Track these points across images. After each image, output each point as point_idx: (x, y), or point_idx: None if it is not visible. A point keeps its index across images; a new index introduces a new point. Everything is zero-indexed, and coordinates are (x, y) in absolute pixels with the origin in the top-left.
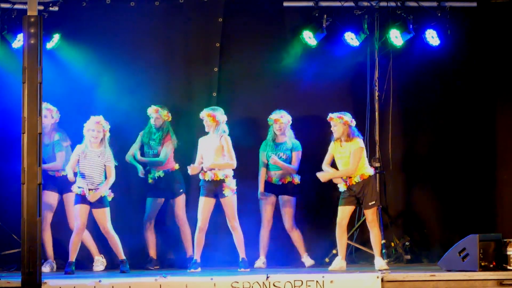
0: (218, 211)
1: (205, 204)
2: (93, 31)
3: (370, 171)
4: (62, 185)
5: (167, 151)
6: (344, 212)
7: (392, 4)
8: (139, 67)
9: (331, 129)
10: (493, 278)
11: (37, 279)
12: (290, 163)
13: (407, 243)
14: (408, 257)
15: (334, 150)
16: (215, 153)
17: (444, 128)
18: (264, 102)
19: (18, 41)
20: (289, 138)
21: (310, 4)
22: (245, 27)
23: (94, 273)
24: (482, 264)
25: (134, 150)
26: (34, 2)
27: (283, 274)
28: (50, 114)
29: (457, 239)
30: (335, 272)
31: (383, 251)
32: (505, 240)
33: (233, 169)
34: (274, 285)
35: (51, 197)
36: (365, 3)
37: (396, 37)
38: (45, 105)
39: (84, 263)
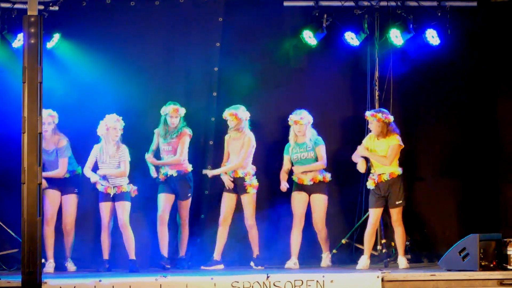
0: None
1: (225, 199)
2: (93, 31)
3: (399, 170)
4: (62, 186)
5: (183, 147)
6: (376, 214)
7: (392, 3)
8: (139, 67)
9: (368, 126)
10: (493, 277)
11: (37, 279)
12: (316, 160)
13: (407, 243)
14: (408, 257)
15: (367, 143)
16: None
17: (445, 128)
18: (264, 102)
19: (18, 41)
20: (309, 138)
21: (310, 3)
22: (245, 27)
23: (93, 273)
24: (482, 263)
25: (152, 150)
26: (34, 2)
27: (283, 274)
28: (52, 120)
29: (457, 239)
30: (335, 272)
31: (383, 251)
32: (505, 239)
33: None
34: (274, 285)
35: (55, 196)
36: (365, 3)
37: (396, 37)
38: (48, 111)
39: (85, 262)
